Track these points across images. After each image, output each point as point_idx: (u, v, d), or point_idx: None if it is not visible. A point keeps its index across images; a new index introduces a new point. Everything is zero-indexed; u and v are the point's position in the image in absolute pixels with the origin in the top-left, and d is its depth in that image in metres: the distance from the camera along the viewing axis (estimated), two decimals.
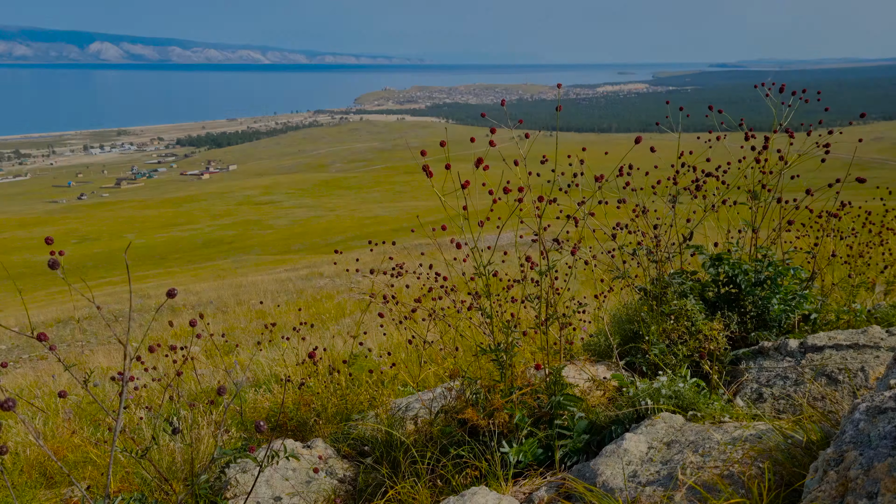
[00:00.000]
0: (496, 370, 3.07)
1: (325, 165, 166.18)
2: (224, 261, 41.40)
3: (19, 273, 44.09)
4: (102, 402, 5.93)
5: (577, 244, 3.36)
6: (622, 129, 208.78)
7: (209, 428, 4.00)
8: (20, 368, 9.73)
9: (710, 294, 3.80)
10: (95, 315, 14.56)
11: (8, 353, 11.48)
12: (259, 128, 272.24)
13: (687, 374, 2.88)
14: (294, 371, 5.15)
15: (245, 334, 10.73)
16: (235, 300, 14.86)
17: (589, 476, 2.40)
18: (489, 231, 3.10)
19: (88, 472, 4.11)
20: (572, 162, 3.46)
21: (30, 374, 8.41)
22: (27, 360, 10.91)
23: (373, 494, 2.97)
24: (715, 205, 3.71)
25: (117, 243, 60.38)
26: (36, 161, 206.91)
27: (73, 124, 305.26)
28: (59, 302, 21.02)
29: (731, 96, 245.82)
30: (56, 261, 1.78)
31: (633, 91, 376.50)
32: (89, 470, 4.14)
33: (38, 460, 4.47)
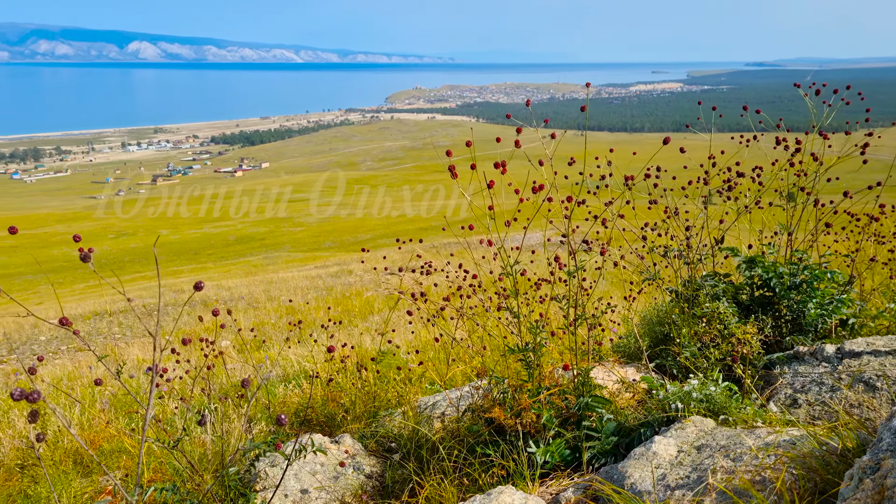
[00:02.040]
0: (524, 370, 3.06)
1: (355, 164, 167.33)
2: (255, 257, 41.97)
3: (60, 266, 45.28)
4: (137, 393, 6.07)
5: (606, 245, 3.33)
6: (655, 129, 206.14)
7: (239, 421, 4.06)
8: (59, 360, 10.00)
9: (743, 297, 3.73)
10: (130, 309, 14.89)
11: (47, 345, 11.80)
12: (291, 126, 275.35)
13: (719, 378, 2.84)
14: (323, 367, 5.20)
15: (275, 330, 10.87)
16: (266, 296, 15.06)
17: (617, 478, 2.38)
18: (517, 231, 3.09)
19: (123, 462, 4.20)
20: (601, 163, 3.43)
21: (68, 365, 8.64)
22: (66, 351, 11.20)
23: (400, 491, 2.98)
24: (748, 206, 3.64)
25: (152, 238, 61.66)
26: (76, 158, 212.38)
27: (111, 122, 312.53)
28: (97, 295, 21.55)
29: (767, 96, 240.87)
30: (87, 254, 1.82)
31: (666, 90, 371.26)
32: (123, 459, 4.24)
33: (74, 449, 4.59)
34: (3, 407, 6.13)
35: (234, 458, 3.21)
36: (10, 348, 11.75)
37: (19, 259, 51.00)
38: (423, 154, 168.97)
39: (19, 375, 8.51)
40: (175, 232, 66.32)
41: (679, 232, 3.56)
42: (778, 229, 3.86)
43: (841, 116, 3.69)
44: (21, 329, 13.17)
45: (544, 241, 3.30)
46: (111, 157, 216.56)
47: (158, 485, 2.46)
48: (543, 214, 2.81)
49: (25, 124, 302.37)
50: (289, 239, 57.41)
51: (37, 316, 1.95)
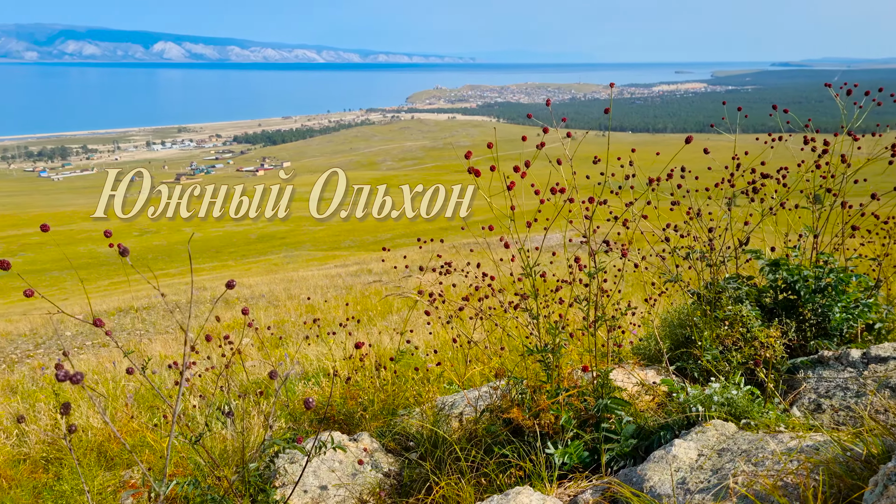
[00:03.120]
0: (542, 371, 3.05)
1: (375, 163, 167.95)
2: (276, 255, 42.32)
3: (85, 263, 46.04)
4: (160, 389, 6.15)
5: (626, 246, 3.31)
6: (678, 130, 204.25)
7: (259, 418, 4.10)
8: (83, 355, 10.17)
9: (766, 300, 3.68)
10: (154, 305, 15.10)
11: (72, 340, 12.01)
12: (313, 126, 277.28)
13: (741, 382, 2.80)
14: (341, 365, 5.23)
15: (295, 328, 10.95)
16: (286, 294, 15.18)
17: (636, 481, 2.36)
18: (537, 232, 3.08)
19: (145, 456, 4.27)
20: (623, 163, 3.40)
21: (92, 360, 8.78)
22: (90, 346, 11.39)
23: (417, 490, 2.99)
24: (773, 208, 3.60)
25: (176, 236, 62.39)
26: (102, 156, 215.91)
27: (136, 121, 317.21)
28: (121, 291, 21.88)
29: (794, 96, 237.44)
30: (127, 249, 1.85)
31: (690, 90, 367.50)
32: (146, 454, 4.31)
33: (98, 442, 4.68)
34: (30, 401, 6.25)
35: (255, 454, 3.24)
36: (36, 343, 11.99)
37: (46, 255, 51.97)
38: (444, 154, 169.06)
39: (45, 370, 8.67)
40: (197, 230, 67.10)
41: (702, 233, 3.53)
42: (803, 232, 3.80)
43: (870, 118, 3.63)
44: (48, 324, 13.42)
45: (564, 242, 3.29)
46: (136, 155, 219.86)
47: (180, 479, 2.50)
48: (564, 215, 2.80)
49: (53, 123, 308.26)
50: (309, 238, 57.78)
51: (66, 312, 1.99)
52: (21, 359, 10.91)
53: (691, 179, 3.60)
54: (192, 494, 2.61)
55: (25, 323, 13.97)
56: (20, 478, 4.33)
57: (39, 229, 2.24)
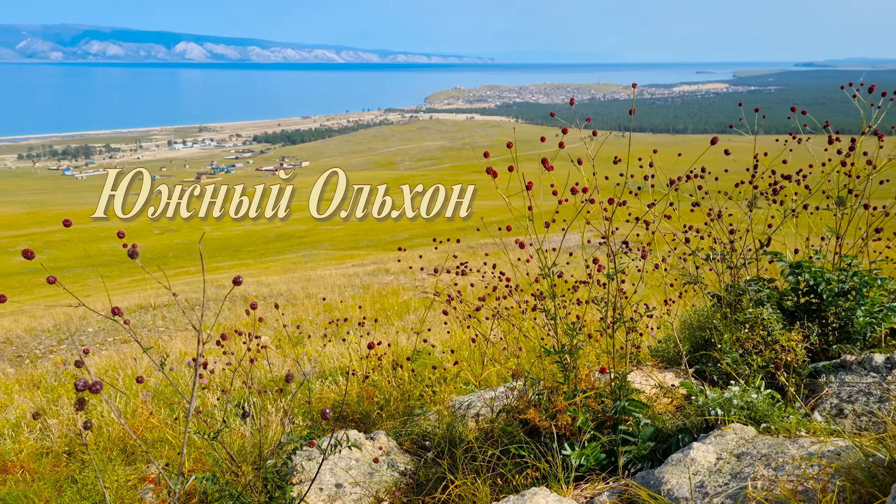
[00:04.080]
0: (559, 372, 3.04)
1: (393, 163, 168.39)
2: (294, 254, 42.59)
3: (108, 261, 46.70)
4: (178, 385, 6.23)
5: (646, 248, 3.28)
6: (698, 131, 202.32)
7: (277, 415, 4.13)
8: (105, 351, 10.31)
9: (788, 303, 3.63)
10: (174, 303, 15.27)
11: (94, 336, 12.19)
12: (331, 125, 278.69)
13: (761, 386, 2.77)
14: (359, 364, 5.25)
15: (312, 326, 11.02)
16: (304, 293, 15.27)
17: (653, 484, 2.34)
18: (555, 232, 3.07)
19: (165, 452, 4.32)
20: (643, 164, 3.38)
21: (114, 356, 8.90)
22: (112, 343, 11.54)
23: (433, 489, 3.00)
24: (795, 210, 3.55)
25: (196, 235, 63.02)
26: (124, 155, 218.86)
27: (158, 120, 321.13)
28: (142, 289, 22.16)
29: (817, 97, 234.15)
30: (135, 251, 1.88)
31: (711, 91, 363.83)
32: (165, 449, 4.36)
33: (119, 437, 4.74)
34: (52, 396, 6.36)
35: (272, 452, 3.27)
36: (59, 339, 12.18)
37: (69, 253, 52.81)
38: (462, 154, 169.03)
39: (67, 365, 8.81)
40: (217, 228, 67.72)
41: (723, 235, 3.49)
42: (826, 234, 3.75)
43: (892, 119, 3.57)
44: (70, 320, 13.64)
45: (583, 243, 3.28)
46: (158, 154, 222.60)
47: (199, 475, 2.52)
48: (583, 216, 2.79)
49: (77, 122, 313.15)
50: (327, 237, 58.09)
51: (90, 308, 2.02)
52: (44, 354, 11.10)
53: (712, 181, 3.57)
54: (211, 490, 2.64)
55: (49, 319, 14.20)
56: (43, 471, 4.41)
57: (62, 224, 2.28)
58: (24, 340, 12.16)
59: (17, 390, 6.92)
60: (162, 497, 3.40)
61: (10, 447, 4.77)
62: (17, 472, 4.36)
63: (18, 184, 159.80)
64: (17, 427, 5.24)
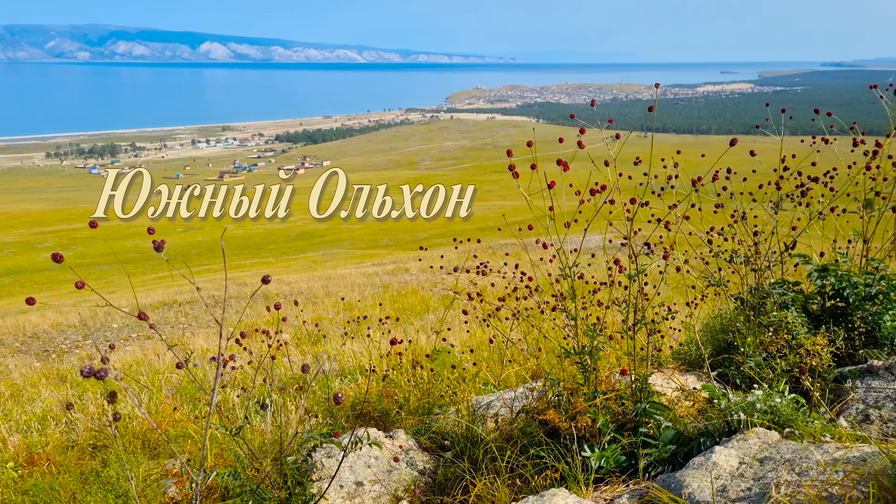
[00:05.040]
0: (579, 373, 3.02)
1: (414, 163, 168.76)
2: (315, 253, 42.88)
3: (132, 258, 47.41)
4: (202, 381, 6.30)
5: (668, 249, 3.26)
6: (722, 131, 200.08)
7: (297, 412, 4.17)
8: (129, 346, 10.47)
9: (813, 307, 3.58)
10: (196, 300, 15.46)
11: (119, 332, 12.38)
12: (353, 125, 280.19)
13: (785, 390, 2.74)
14: (378, 363, 5.28)
15: (332, 325, 11.08)
16: (325, 292, 15.37)
17: (674, 487, 2.32)
18: (576, 233, 3.06)
19: (187, 447, 4.37)
20: (666, 164, 3.35)
21: (137, 352, 9.04)
22: (135, 338, 11.72)
23: (452, 488, 3.00)
24: (822, 212, 3.49)
25: (218, 233, 63.71)
26: (149, 154, 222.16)
27: (183, 120, 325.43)
28: (165, 286, 22.46)
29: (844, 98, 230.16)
30: (160, 244, 1.91)
31: (736, 91, 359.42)
32: (188, 444, 4.41)
33: (142, 432, 4.81)
34: (78, 391, 6.47)
35: (292, 448, 3.30)
36: (85, 334, 12.39)
37: (95, 249, 53.73)
38: (482, 154, 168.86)
39: (92, 360, 8.96)
40: (239, 227, 68.40)
41: (747, 237, 3.45)
42: (853, 237, 3.69)
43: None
44: (95, 316, 13.87)
45: (604, 244, 3.26)
46: (182, 153, 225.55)
47: (221, 470, 2.55)
48: (604, 216, 2.77)
49: (104, 121, 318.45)
50: (347, 236, 58.42)
51: (116, 307, 2.05)
52: (70, 349, 11.30)
53: (736, 182, 3.53)
54: (232, 485, 2.67)
55: (74, 314, 14.46)
56: (68, 464, 4.49)
57: (88, 226, 2.32)
58: (50, 335, 12.39)
59: (43, 384, 7.05)
60: (184, 491, 3.45)
61: (36, 440, 4.87)
62: (44, 465, 4.45)
63: (46, 181, 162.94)
64: (44, 420, 5.34)
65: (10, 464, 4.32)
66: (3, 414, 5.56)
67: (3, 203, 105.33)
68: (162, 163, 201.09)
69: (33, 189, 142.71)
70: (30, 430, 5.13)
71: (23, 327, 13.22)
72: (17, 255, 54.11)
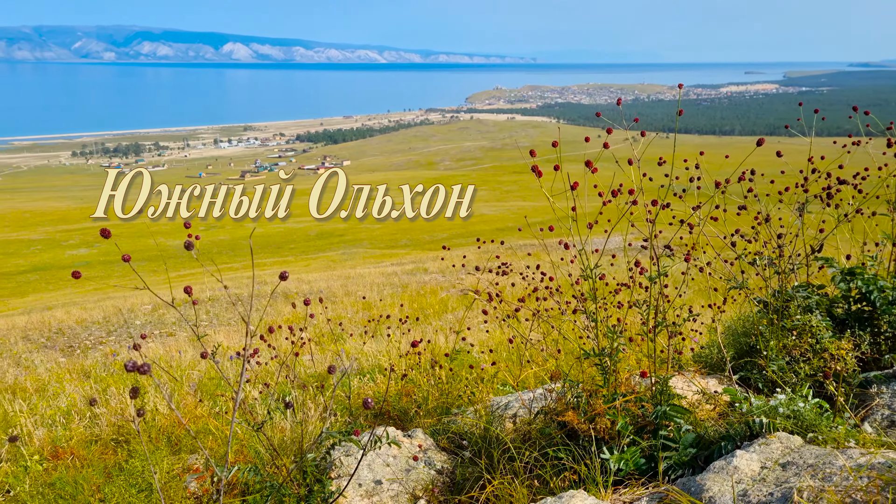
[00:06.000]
0: (599, 375, 3.01)
1: (433, 163, 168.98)
2: (335, 252, 43.15)
3: (154, 255, 48.03)
4: (221, 379, 6.37)
5: (690, 251, 3.23)
6: (746, 132, 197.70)
7: (317, 410, 4.20)
8: (151, 343, 10.61)
9: (838, 311, 3.52)
10: (217, 297, 15.62)
11: (141, 329, 12.56)
12: (373, 125, 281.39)
13: (808, 394, 2.70)
14: (397, 362, 5.29)
15: (351, 324, 11.14)
16: (343, 291, 15.45)
17: (695, 491, 2.30)
18: (597, 234, 3.04)
19: (208, 443, 4.42)
20: (689, 165, 3.32)
21: (159, 349, 9.16)
22: (157, 336, 11.88)
23: (470, 488, 3.00)
24: (847, 214, 3.44)
25: (239, 232, 64.37)
26: (172, 153, 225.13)
27: (205, 119, 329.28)
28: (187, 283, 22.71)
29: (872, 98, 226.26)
30: (191, 242, 1.94)
31: (760, 91, 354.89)
32: (209, 441, 4.46)
33: (164, 428, 4.87)
34: (102, 386, 6.58)
35: (312, 446, 3.32)
36: (108, 331, 12.59)
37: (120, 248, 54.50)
38: (502, 155, 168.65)
39: (116, 356, 9.10)
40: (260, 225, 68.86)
41: (771, 239, 3.41)
42: (881, 240, 3.62)
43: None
44: (118, 313, 14.08)
45: (625, 246, 3.24)
46: (204, 152, 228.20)
47: (242, 466, 2.58)
48: (626, 217, 2.75)
49: (128, 121, 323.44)
50: (367, 236, 58.68)
51: (161, 299, 2.08)
52: (94, 345, 11.49)
53: (761, 183, 3.48)
54: (252, 481, 2.70)
55: (98, 311, 14.70)
56: (92, 458, 4.56)
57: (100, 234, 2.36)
58: (75, 331, 12.61)
59: (68, 379, 7.18)
60: (205, 486, 3.49)
61: (61, 434, 4.95)
62: (68, 459, 4.53)
63: (72, 180, 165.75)
64: (68, 415, 5.44)
65: (36, 457, 4.40)
66: (28, 408, 5.67)
67: (30, 201, 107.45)
68: (185, 162, 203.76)
69: (59, 187, 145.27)
70: (55, 425, 5.23)
71: (48, 323, 13.47)
72: (44, 252, 55.17)
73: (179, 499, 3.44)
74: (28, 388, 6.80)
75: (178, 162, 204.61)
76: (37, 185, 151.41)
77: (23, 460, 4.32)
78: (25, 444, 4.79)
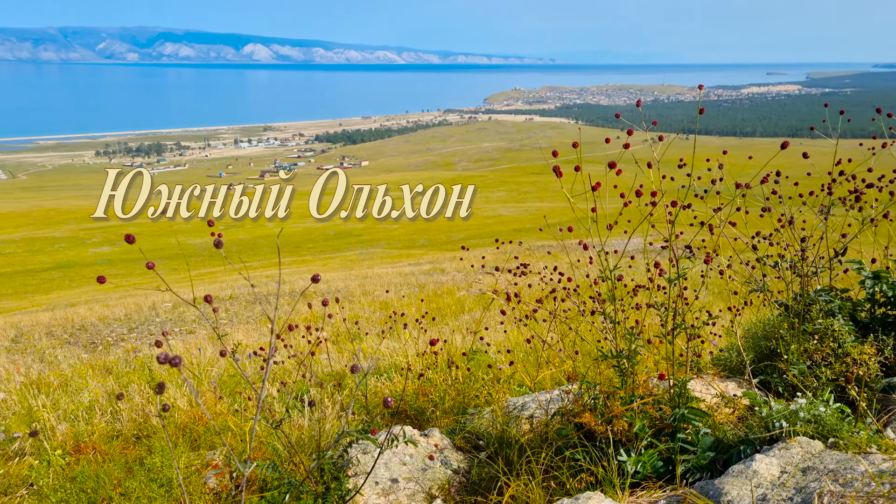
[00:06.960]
0: (616, 377, 3.00)
1: (451, 164, 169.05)
2: (352, 252, 43.33)
3: (174, 254, 48.57)
4: (240, 376, 6.43)
5: (710, 253, 3.20)
6: (768, 134, 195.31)
7: (334, 408, 4.23)
8: (172, 340, 10.74)
9: (861, 315, 3.47)
10: (237, 296, 15.76)
11: (162, 326, 12.71)
12: (391, 126, 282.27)
13: (830, 399, 2.66)
14: (414, 362, 5.31)
15: (368, 323, 11.18)
16: (361, 290, 15.51)
17: (713, 494, 2.29)
18: (616, 236, 3.03)
19: (227, 439, 4.47)
20: (711, 167, 3.29)
21: (179, 346, 9.27)
22: (178, 333, 12.02)
23: (486, 489, 3.00)
24: (873, 218, 3.39)
25: (258, 231, 64.90)
26: (193, 153, 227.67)
27: (226, 120, 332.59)
28: (207, 281, 22.96)
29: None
30: (220, 241, 1.97)
31: (782, 93, 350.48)
32: (228, 437, 4.51)
33: (183, 423, 4.93)
34: (123, 381, 6.67)
35: (329, 444, 3.35)
36: (130, 327, 12.76)
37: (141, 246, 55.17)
38: (520, 155, 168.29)
39: (137, 353, 9.22)
40: (278, 225, 69.50)
41: (794, 242, 3.37)
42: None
43: None
44: (140, 311, 14.27)
45: (644, 247, 3.22)
46: (224, 152, 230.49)
47: (260, 462, 2.61)
48: (645, 219, 2.74)
49: (151, 121, 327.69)
50: (384, 236, 58.87)
51: (182, 297, 2.11)
52: (116, 342, 11.65)
53: (786, 186, 3.44)
54: (270, 477, 2.72)
55: (120, 308, 14.90)
56: (113, 453, 4.63)
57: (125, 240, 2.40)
58: (97, 328, 12.80)
59: (90, 375, 7.29)
60: (224, 482, 3.53)
61: (83, 429, 5.03)
62: (90, 453, 4.60)
63: (95, 179, 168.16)
64: (90, 410, 5.52)
65: (59, 451, 4.48)
66: (52, 403, 5.77)
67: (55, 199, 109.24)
68: (205, 161, 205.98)
69: (83, 186, 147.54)
70: (77, 420, 5.31)
71: (71, 320, 13.68)
72: (68, 250, 56.07)
73: (199, 494, 3.48)
74: (52, 382, 6.91)
75: (198, 161, 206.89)
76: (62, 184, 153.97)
77: (46, 454, 4.40)
78: (48, 438, 4.88)
